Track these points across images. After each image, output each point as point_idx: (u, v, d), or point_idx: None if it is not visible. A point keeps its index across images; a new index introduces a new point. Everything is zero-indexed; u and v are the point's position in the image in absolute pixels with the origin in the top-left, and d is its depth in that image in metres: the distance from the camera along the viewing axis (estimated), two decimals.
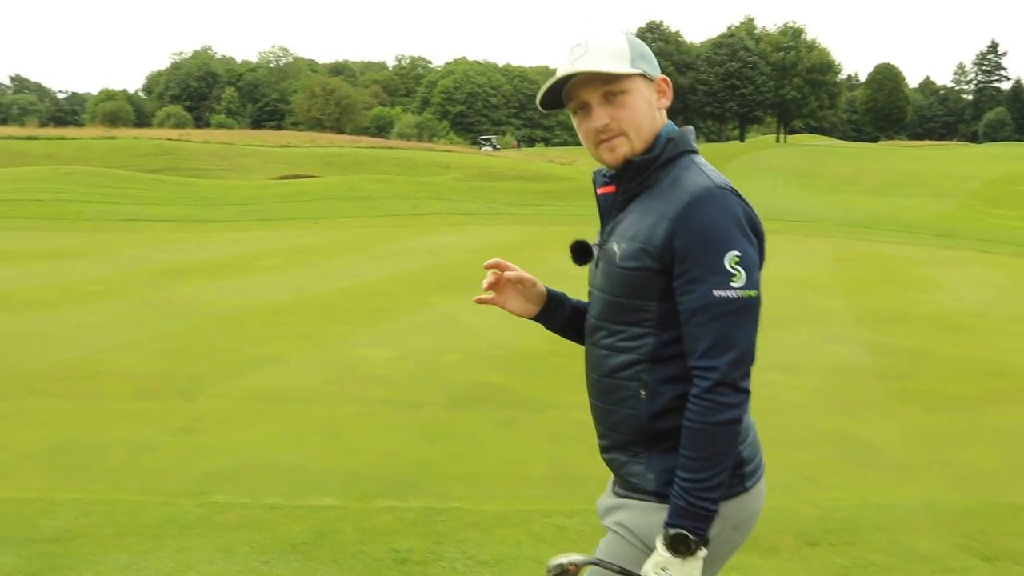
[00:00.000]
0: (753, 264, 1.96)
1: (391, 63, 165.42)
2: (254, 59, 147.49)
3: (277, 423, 6.58)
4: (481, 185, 33.08)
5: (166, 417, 6.63)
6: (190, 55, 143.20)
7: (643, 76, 2.07)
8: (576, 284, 2.48)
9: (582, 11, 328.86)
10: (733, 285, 1.91)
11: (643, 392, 2.02)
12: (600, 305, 2.14)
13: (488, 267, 2.30)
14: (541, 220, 24.56)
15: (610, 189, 2.18)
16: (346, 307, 11.31)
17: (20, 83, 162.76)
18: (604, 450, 2.20)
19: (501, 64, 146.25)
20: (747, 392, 1.96)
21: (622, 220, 2.11)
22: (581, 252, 2.29)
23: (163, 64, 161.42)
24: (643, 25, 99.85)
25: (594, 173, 2.26)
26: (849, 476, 5.80)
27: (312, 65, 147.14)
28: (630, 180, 2.10)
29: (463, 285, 13.28)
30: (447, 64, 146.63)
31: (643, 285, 2.01)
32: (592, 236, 2.35)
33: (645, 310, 2.02)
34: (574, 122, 2.15)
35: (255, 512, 4.89)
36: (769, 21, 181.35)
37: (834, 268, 16.88)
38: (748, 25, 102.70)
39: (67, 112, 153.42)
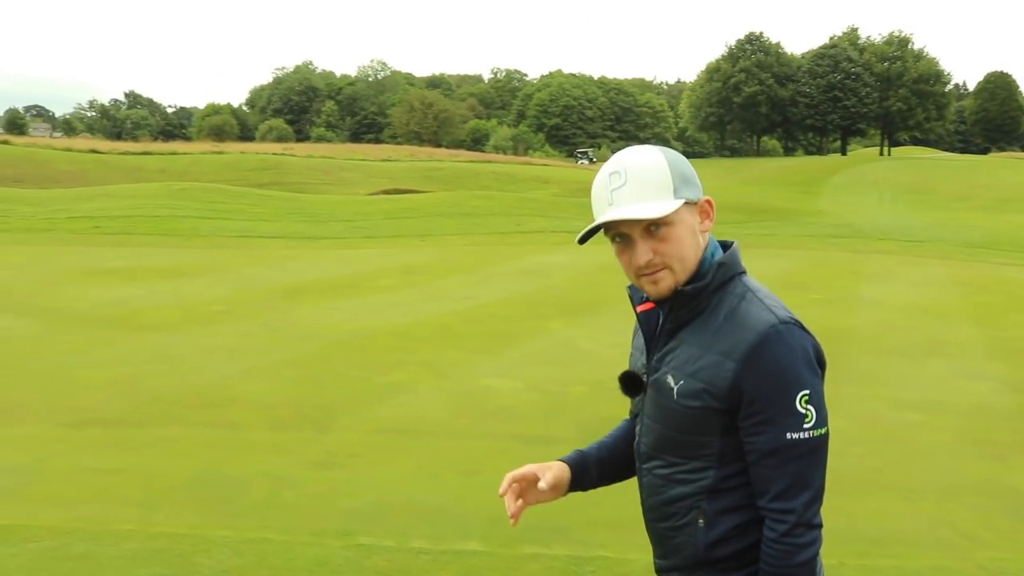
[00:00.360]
0: (821, 400, 1.93)
1: (487, 76, 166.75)
2: (353, 73, 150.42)
3: (412, 458, 6.58)
4: (583, 201, 32.93)
5: (302, 449, 6.69)
6: (291, 70, 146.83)
7: (687, 203, 1.97)
8: None
9: (678, 24, 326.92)
10: (805, 426, 1.89)
11: (701, 521, 2.00)
12: (654, 436, 2.09)
13: (503, 495, 2.16)
14: None
15: (650, 306, 2.11)
16: (464, 332, 11.32)
17: (133, 99, 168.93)
18: (660, 570, 2.19)
19: (596, 76, 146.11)
20: (821, 526, 1.95)
21: (673, 349, 2.03)
22: (634, 385, 2.17)
23: (266, 79, 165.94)
24: (742, 37, 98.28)
25: (630, 288, 2.16)
26: (1011, 533, 5.51)
27: (409, 78, 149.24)
28: (679, 308, 2.01)
29: (579, 310, 13.21)
30: (542, 77, 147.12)
31: (704, 422, 1.96)
32: None
33: (706, 446, 1.98)
34: (613, 248, 2.05)
35: (402, 557, 4.88)
36: (874, 30, 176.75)
37: (957, 293, 16.27)
38: (851, 35, 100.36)
39: (175, 126, 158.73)
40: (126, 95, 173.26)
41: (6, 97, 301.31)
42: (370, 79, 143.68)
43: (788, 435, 1.88)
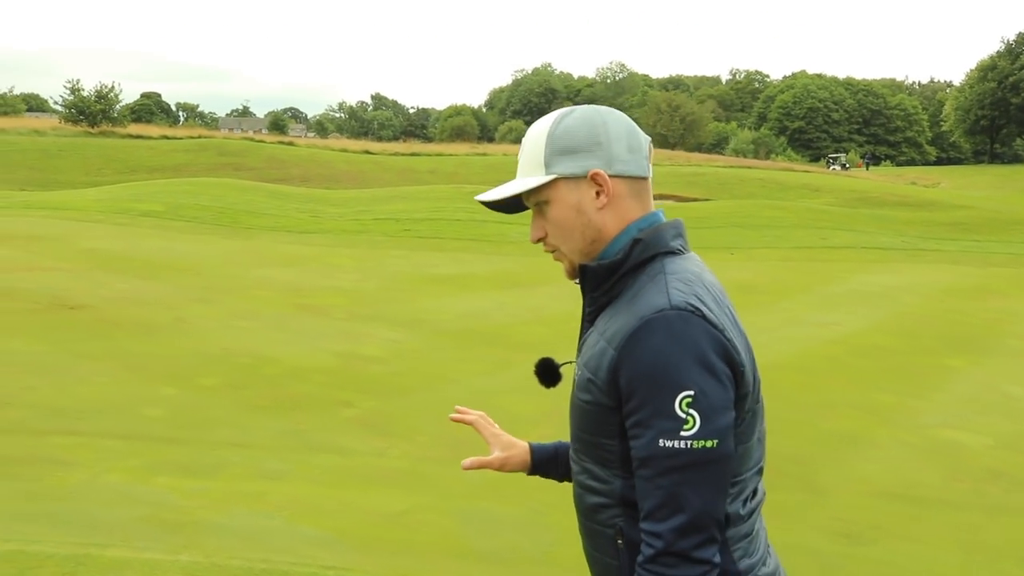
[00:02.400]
0: (715, 407, 1.57)
1: (724, 77, 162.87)
2: (591, 75, 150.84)
3: (937, 535, 5.57)
4: (875, 213, 30.74)
5: (807, 513, 5.81)
6: (530, 72, 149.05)
7: (565, 179, 1.76)
8: None
9: (932, 19, 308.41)
10: (683, 434, 1.56)
11: (620, 541, 1.72)
12: (572, 435, 1.85)
13: (454, 420, 2.19)
14: (972, 259, 22.11)
15: None
16: (860, 367, 10.16)
17: (379, 100, 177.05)
18: None
19: (842, 77, 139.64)
20: (706, 563, 1.59)
21: (588, 338, 1.80)
22: (545, 373, 2.04)
23: (505, 80, 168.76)
24: None
25: None
26: None
27: (647, 80, 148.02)
28: (592, 290, 1.80)
29: (969, 344, 11.80)
30: (785, 78, 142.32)
31: (599, 421, 1.70)
32: None
33: (606, 449, 1.70)
34: None
35: None
36: None
37: None
38: None
39: (417, 126, 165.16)
40: (372, 97, 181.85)
41: (267, 102, 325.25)
42: (608, 81, 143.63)
43: (661, 442, 1.59)
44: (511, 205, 1.86)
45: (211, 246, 17.05)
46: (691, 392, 1.56)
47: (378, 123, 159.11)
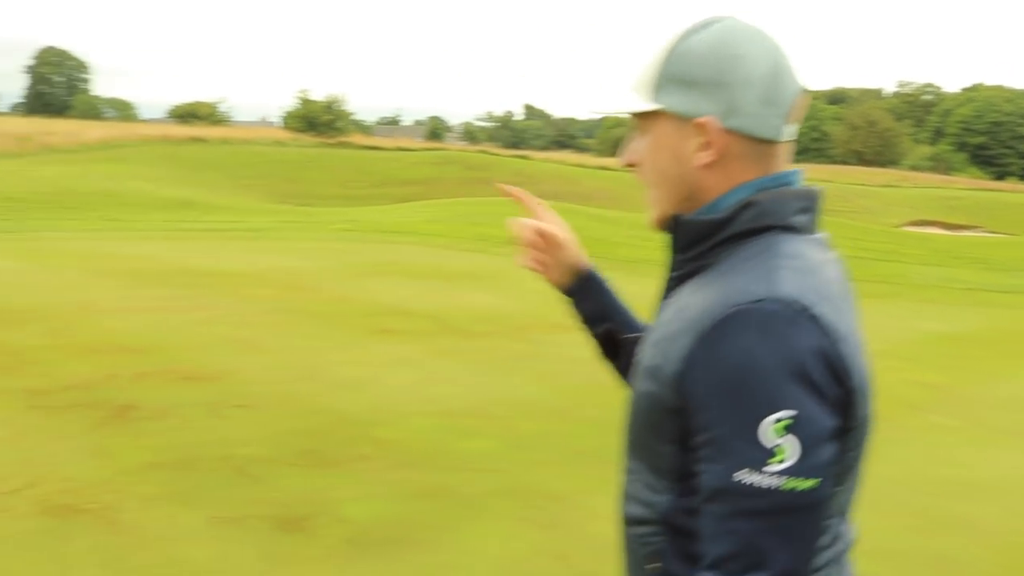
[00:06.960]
0: (817, 437, 1.13)
1: (890, 89, 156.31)
2: None
3: None
4: None
5: None
6: None
7: (667, 115, 1.29)
8: None
9: None
10: (769, 468, 1.12)
11: (651, 566, 1.29)
12: (625, 424, 1.41)
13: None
14: None
15: None
16: None
17: (529, 110, 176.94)
18: None
19: (1020, 88, 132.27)
20: None
21: (665, 311, 1.34)
22: (606, 344, 1.63)
23: None
24: None
25: None
26: None
27: (812, 93, 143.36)
28: (682, 250, 1.33)
29: None
30: (964, 90, 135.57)
31: (656, 420, 1.27)
32: None
33: (658, 454, 1.28)
34: None
35: None
36: None
37: None
38: None
39: (566, 136, 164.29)
40: (524, 107, 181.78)
41: (410, 111, 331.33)
42: None
43: (740, 474, 1.13)
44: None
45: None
46: (788, 414, 1.12)
47: (532, 133, 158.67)
